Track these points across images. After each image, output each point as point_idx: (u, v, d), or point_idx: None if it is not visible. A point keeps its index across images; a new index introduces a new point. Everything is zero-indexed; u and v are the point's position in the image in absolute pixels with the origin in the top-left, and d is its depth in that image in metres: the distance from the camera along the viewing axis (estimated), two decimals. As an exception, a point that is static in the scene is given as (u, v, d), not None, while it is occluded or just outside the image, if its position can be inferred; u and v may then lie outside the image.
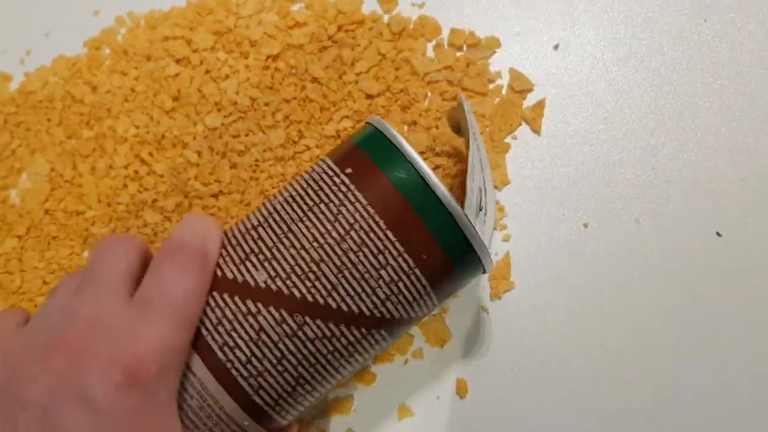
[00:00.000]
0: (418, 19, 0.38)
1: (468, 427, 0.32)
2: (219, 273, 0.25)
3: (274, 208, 0.26)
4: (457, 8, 0.38)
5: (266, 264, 0.25)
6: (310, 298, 0.24)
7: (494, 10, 0.38)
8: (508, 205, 0.34)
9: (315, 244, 0.25)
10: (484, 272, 0.27)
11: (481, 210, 0.30)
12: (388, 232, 0.25)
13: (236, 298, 0.25)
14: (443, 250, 0.25)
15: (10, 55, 0.41)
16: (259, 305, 0.24)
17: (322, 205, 0.25)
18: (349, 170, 0.26)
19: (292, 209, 0.26)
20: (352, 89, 0.37)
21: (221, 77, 0.38)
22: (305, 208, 0.26)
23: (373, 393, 0.33)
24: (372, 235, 0.25)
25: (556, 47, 0.37)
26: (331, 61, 0.38)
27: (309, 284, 0.24)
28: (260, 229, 0.26)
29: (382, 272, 0.25)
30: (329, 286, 0.25)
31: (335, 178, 0.26)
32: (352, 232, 0.25)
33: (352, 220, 0.25)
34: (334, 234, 0.25)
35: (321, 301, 0.25)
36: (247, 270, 0.25)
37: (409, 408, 0.32)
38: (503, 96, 0.36)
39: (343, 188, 0.25)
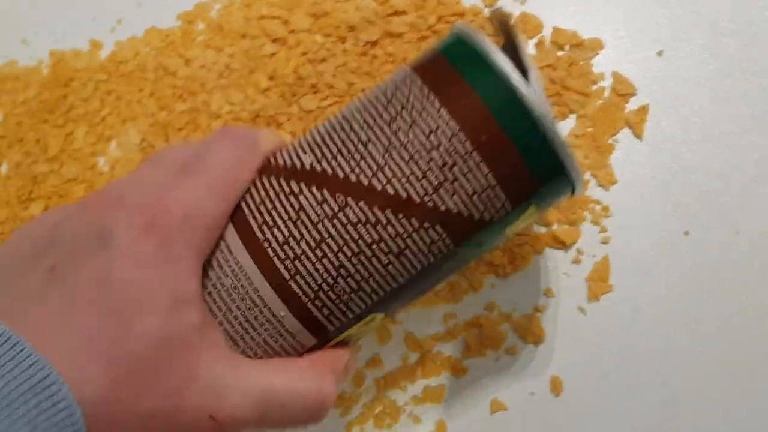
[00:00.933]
0: (520, 15, 0.38)
1: (562, 425, 0.32)
2: (272, 162, 0.25)
3: (342, 112, 0.25)
4: (560, 7, 0.38)
5: (315, 147, 0.24)
6: (353, 178, 0.23)
7: (598, 12, 0.38)
8: (610, 207, 0.34)
9: (365, 125, 0.23)
10: (573, 193, 0.25)
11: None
12: (443, 110, 0.23)
13: (281, 180, 0.24)
14: (512, 141, 0.22)
15: (100, 23, 0.41)
16: (302, 185, 0.23)
17: (378, 91, 0.24)
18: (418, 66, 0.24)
19: (353, 103, 0.25)
20: (452, 81, 0.37)
21: (318, 60, 0.38)
22: (363, 98, 0.25)
23: (465, 385, 0.33)
24: (424, 113, 0.23)
25: (660, 53, 0.37)
26: (430, 52, 0.37)
27: (354, 164, 0.23)
28: (319, 126, 0.25)
29: (434, 153, 0.22)
30: (375, 167, 0.23)
31: (400, 71, 0.25)
32: (404, 112, 0.23)
33: (405, 101, 0.23)
34: (385, 115, 0.23)
35: (365, 181, 0.23)
36: (297, 155, 0.24)
37: (502, 402, 0.32)
38: (606, 98, 0.36)
39: (401, 72, 0.24)
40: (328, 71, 0.38)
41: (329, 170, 0.23)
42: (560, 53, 0.37)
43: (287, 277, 0.23)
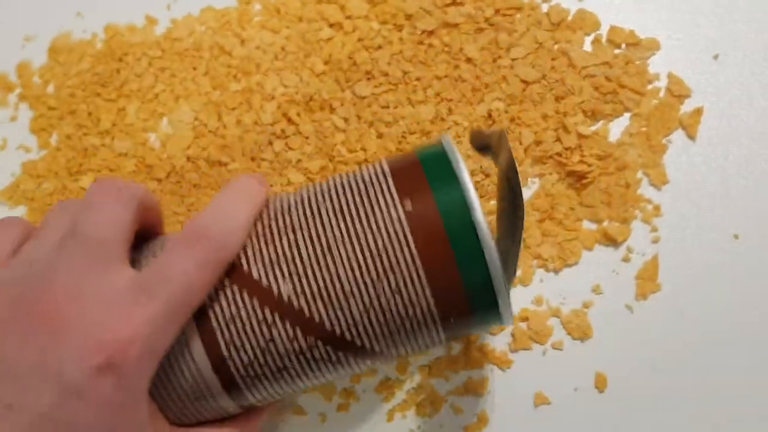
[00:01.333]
0: (578, 12, 0.38)
1: (605, 421, 0.32)
2: (246, 267, 0.24)
3: (318, 211, 0.25)
4: (617, 6, 0.38)
5: (295, 278, 0.24)
6: (328, 325, 0.24)
7: (655, 12, 0.38)
8: (662, 206, 0.34)
9: (350, 275, 0.24)
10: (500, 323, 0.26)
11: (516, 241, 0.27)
12: (424, 279, 0.24)
13: (255, 302, 0.24)
14: (468, 301, 0.24)
15: (156, 0, 0.41)
16: (276, 317, 0.24)
17: (369, 235, 0.24)
18: (408, 207, 0.24)
19: (338, 222, 0.24)
20: (507, 73, 0.37)
21: (374, 47, 0.38)
22: (350, 224, 0.24)
23: (509, 378, 0.33)
24: (411, 286, 0.24)
25: (715, 57, 0.37)
26: (486, 44, 0.37)
27: (332, 313, 0.24)
28: (299, 234, 0.24)
29: (407, 323, 0.25)
30: (351, 321, 0.24)
31: (393, 210, 0.24)
32: (389, 274, 0.24)
33: (393, 261, 0.24)
34: (372, 272, 0.24)
35: (338, 331, 0.24)
36: (275, 277, 0.24)
37: (546, 396, 0.32)
38: (661, 98, 0.36)
39: (396, 226, 0.24)
40: (384, 58, 0.38)
41: (306, 311, 0.24)
42: (617, 51, 0.37)
43: (242, 386, 0.25)
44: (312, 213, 0.25)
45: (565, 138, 0.35)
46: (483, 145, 0.29)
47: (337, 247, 0.24)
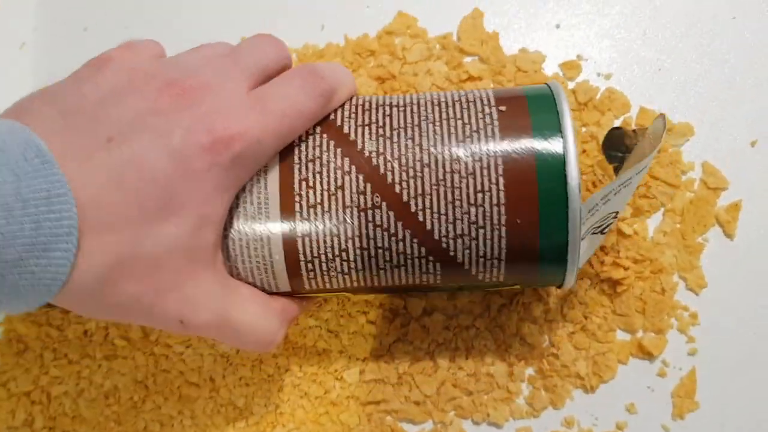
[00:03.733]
0: (606, 91, 0.35)
1: None
2: (338, 122, 0.26)
3: (418, 101, 0.27)
4: (646, 85, 0.35)
5: (381, 139, 0.25)
6: (397, 189, 0.25)
7: (687, 94, 0.35)
8: (699, 313, 0.32)
9: (432, 149, 0.25)
10: (560, 286, 0.27)
11: (599, 230, 0.29)
12: (501, 179, 0.25)
13: (338, 150, 0.25)
14: (539, 229, 0.25)
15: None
16: (353, 169, 0.25)
17: (459, 122, 0.26)
18: (503, 108, 0.26)
19: (433, 110, 0.26)
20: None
21: (383, 128, 0.35)
22: (444, 115, 0.26)
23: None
24: (486, 173, 0.25)
25: (753, 144, 0.34)
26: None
27: (404, 180, 0.25)
28: (395, 109, 0.26)
29: (472, 209, 0.25)
30: (419, 191, 0.25)
31: (486, 108, 0.26)
32: (470, 160, 0.25)
33: (476, 151, 0.25)
34: (452, 151, 0.25)
35: (405, 198, 0.25)
36: (362, 134, 0.26)
37: None
38: (695, 191, 0.33)
39: (487, 119, 0.25)
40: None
41: (382, 170, 0.25)
42: (647, 137, 0.34)
43: (298, 233, 0.25)
44: (410, 99, 0.27)
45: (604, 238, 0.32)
46: (617, 149, 0.31)
47: (427, 125, 0.26)
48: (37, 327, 0.35)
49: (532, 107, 0.26)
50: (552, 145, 0.25)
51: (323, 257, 0.26)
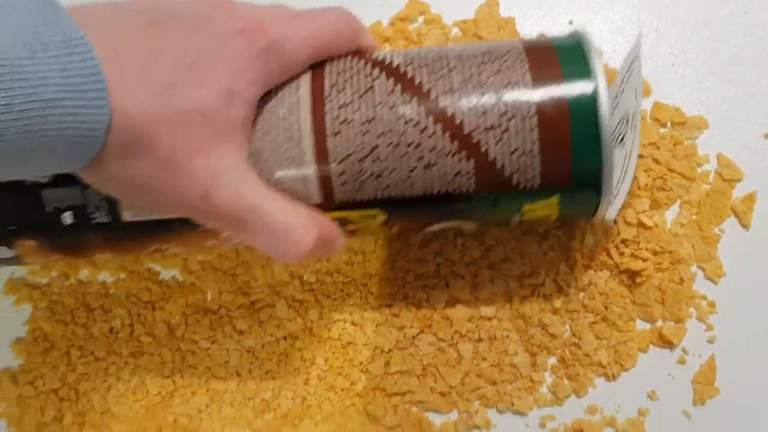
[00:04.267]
0: (621, 86, 0.35)
1: None
2: (364, 52, 0.28)
3: (447, 47, 0.28)
4: (660, 79, 0.36)
5: (406, 56, 0.27)
6: (426, 86, 0.26)
7: (700, 88, 0.36)
8: (717, 302, 0.33)
9: (458, 58, 0.27)
10: (597, 205, 0.27)
11: (620, 137, 0.30)
12: (528, 75, 0.26)
13: (367, 64, 0.27)
14: (570, 121, 0.25)
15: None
16: (382, 73, 0.26)
17: (482, 44, 0.27)
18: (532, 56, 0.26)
19: (465, 46, 0.28)
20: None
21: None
22: (475, 47, 0.27)
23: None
24: (511, 71, 0.26)
25: (767, 136, 0.35)
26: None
27: (433, 78, 0.26)
28: (424, 48, 0.28)
29: (502, 100, 0.25)
30: (448, 88, 0.26)
31: (514, 51, 0.27)
32: (496, 62, 0.26)
33: (501, 57, 0.26)
34: (479, 57, 0.26)
35: (434, 94, 0.26)
36: (389, 56, 0.27)
37: None
38: (711, 183, 0.34)
39: (514, 55, 0.26)
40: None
41: (410, 73, 0.26)
42: (662, 130, 0.35)
43: (328, 132, 0.26)
44: (437, 47, 0.28)
45: (624, 230, 0.33)
46: None
47: (453, 47, 0.27)
48: (63, 326, 0.36)
49: (563, 62, 0.27)
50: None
51: (354, 157, 0.26)
